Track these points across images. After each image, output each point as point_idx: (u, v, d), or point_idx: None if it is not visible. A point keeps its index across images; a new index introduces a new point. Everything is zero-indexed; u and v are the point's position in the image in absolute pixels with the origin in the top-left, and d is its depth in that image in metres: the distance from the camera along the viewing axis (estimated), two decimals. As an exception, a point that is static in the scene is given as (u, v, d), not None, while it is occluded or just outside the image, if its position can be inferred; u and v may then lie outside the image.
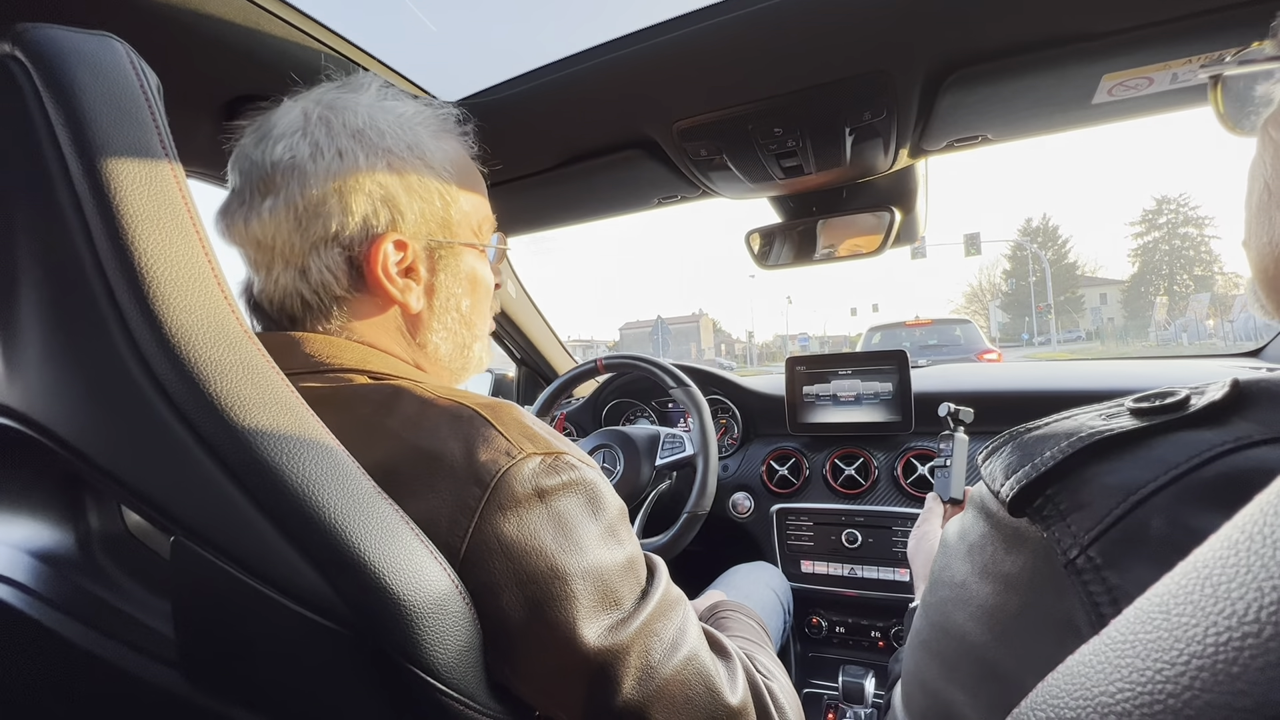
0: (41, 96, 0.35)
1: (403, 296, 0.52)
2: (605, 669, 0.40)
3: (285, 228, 0.49)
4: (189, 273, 0.36)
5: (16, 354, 0.38)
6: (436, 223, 0.54)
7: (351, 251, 0.50)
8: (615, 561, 0.43)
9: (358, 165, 0.50)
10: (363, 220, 0.50)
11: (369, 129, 0.51)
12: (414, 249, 0.53)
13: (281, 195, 0.49)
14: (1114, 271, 58.57)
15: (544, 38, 0.87)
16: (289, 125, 0.51)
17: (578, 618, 0.40)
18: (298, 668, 0.38)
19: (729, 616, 0.62)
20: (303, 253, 0.50)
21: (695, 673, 0.44)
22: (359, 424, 0.43)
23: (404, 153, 0.52)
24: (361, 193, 0.50)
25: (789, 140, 0.98)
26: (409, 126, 0.53)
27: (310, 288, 0.50)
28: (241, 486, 0.35)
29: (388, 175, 0.51)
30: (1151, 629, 0.17)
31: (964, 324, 9.18)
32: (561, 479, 0.42)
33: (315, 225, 0.49)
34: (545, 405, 1.36)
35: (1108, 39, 0.74)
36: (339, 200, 0.49)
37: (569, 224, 1.48)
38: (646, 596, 0.44)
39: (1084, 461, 0.26)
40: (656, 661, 0.42)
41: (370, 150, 0.50)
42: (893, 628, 1.35)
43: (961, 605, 0.31)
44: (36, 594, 0.40)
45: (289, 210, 0.49)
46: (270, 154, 0.50)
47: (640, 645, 0.42)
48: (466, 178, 0.57)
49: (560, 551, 0.40)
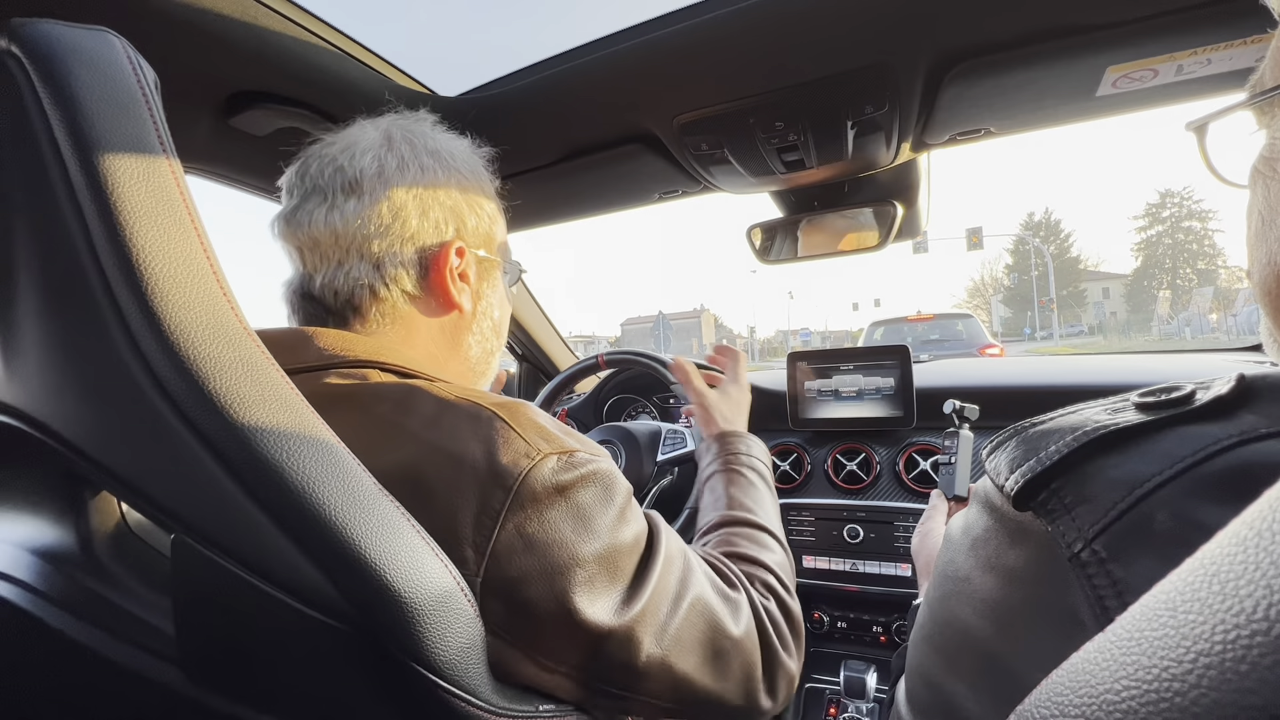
0: (38, 92, 0.35)
1: (459, 298, 0.58)
2: (627, 639, 0.44)
3: (369, 225, 0.54)
4: (187, 269, 0.36)
5: (15, 351, 0.38)
6: (485, 239, 0.62)
7: (424, 252, 0.57)
8: (626, 540, 0.46)
9: (436, 179, 0.57)
10: (435, 226, 0.57)
11: (444, 151, 0.59)
12: (469, 258, 0.60)
13: (367, 198, 0.55)
14: (1117, 266, 58.46)
15: (543, 32, 0.87)
16: (373, 141, 0.57)
17: (599, 599, 0.43)
18: (299, 665, 0.38)
19: (739, 532, 0.65)
20: (380, 249, 0.55)
21: (700, 614, 0.48)
22: (378, 423, 0.45)
23: (470, 175, 0.61)
24: (437, 203, 0.57)
25: (790, 134, 0.97)
26: (470, 156, 0.62)
27: (383, 281, 0.55)
28: (241, 484, 0.35)
29: (458, 192, 0.59)
30: (1158, 626, 0.17)
31: (966, 319, 9.16)
32: (578, 473, 0.45)
33: (396, 226, 0.55)
34: (546, 401, 1.36)
35: (1112, 31, 0.74)
36: (418, 206, 0.56)
37: (569, 219, 1.48)
38: (652, 560, 0.48)
39: (1089, 456, 0.26)
40: (665, 616, 0.46)
41: (447, 169, 0.59)
42: (894, 623, 1.35)
43: (965, 599, 0.31)
44: (38, 591, 0.40)
45: (374, 211, 0.54)
46: (358, 162, 0.55)
47: (653, 607, 0.45)
48: (497, 207, 0.66)
49: (580, 541, 0.43)
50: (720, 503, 0.70)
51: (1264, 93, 0.30)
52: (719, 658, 0.49)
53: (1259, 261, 0.32)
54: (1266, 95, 0.30)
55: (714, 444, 0.81)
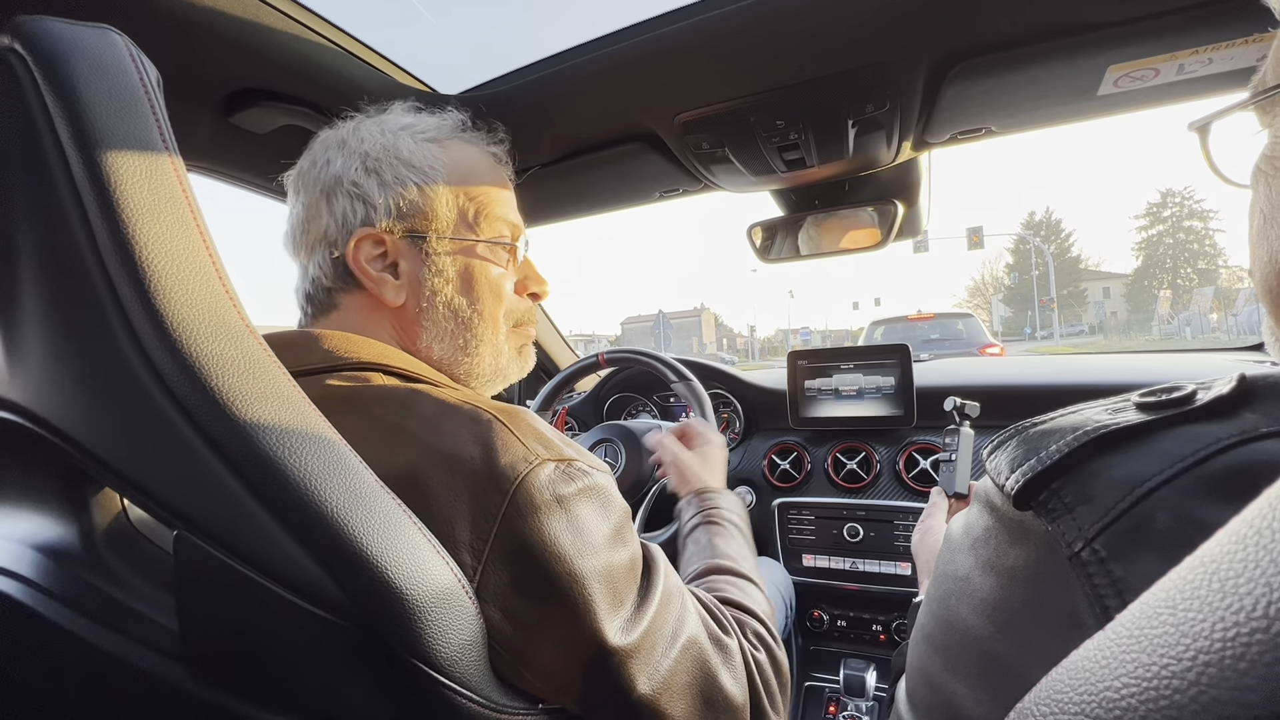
0: (41, 90, 0.35)
1: (378, 289, 0.55)
2: (619, 665, 0.42)
3: (297, 232, 0.57)
4: (190, 267, 0.36)
5: (18, 348, 0.38)
6: (418, 217, 0.55)
7: (336, 248, 0.55)
8: (623, 561, 0.45)
9: (337, 168, 0.55)
10: (341, 217, 0.54)
11: (351, 138, 0.56)
12: (393, 243, 0.55)
13: (294, 207, 0.57)
14: (1117, 265, 58.47)
15: (544, 31, 0.87)
16: (311, 147, 0.58)
17: (594, 617, 0.42)
18: (301, 661, 0.38)
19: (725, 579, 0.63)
20: (306, 252, 0.56)
21: (694, 659, 0.47)
22: (378, 425, 0.44)
23: (379, 153, 0.55)
24: (341, 192, 0.54)
25: (791, 133, 0.97)
26: (391, 132, 0.57)
27: (310, 283, 0.56)
28: (243, 481, 0.35)
29: (363, 175, 0.54)
30: (1158, 624, 0.17)
31: (966, 318, 9.15)
32: (578, 485, 0.44)
33: (312, 227, 0.55)
34: (547, 400, 1.36)
35: (1113, 30, 0.74)
36: (325, 202, 0.55)
37: (570, 218, 1.48)
38: (650, 591, 0.46)
39: (1089, 455, 0.26)
40: (661, 654, 0.44)
41: (349, 154, 0.55)
42: (894, 621, 1.36)
43: (965, 599, 0.31)
44: (40, 588, 0.40)
45: (296, 217, 0.57)
46: (295, 173, 0.58)
47: (649, 640, 0.44)
48: (468, 177, 0.58)
49: (578, 555, 0.42)
50: (705, 552, 0.69)
51: (1265, 91, 0.30)
52: (709, 708, 0.47)
53: (1260, 260, 0.32)
54: (1268, 94, 0.30)
55: (694, 499, 0.80)
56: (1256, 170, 0.32)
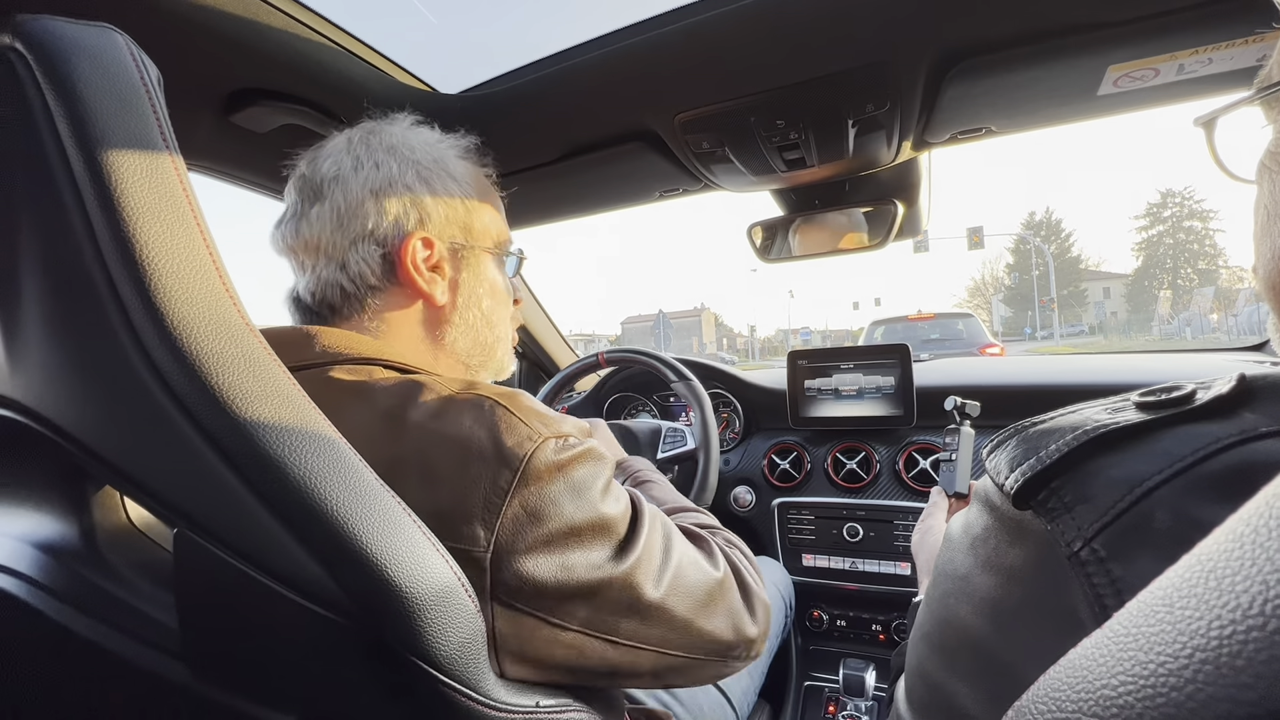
0: (42, 88, 0.35)
1: (429, 288, 0.59)
2: (627, 584, 0.47)
3: (329, 227, 0.57)
4: (190, 265, 0.36)
5: (19, 346, 0.38)
6: (459, 227, 0.61)
7: (385, 247, 0.58)
8: (619, 509, 0.50)
9: (391, 172, 0.58)
10: (395, 219, 0.57)
11: (401, 145, 0.60)
12: (440, 248, 0.60)
13: (328, 202, 0.58)
14: (1118, 265, 58.36)
15: (544, 30, 0.87)
16: (335, 147, 0.60)
17: (596, 553, 0.47)
18: (301, 659, 0.38)
19: (680, 515, 0.72)
20: (343, 248, 0.57)
21: (687, 563, 0.53)
22: (382, 416, 0.47)
23: (431, 164, 0.60)
24: (394, 196, 0.58)
25: (791, 132, 0.97)
26: (434, 145, 0.62)
27: (349, 278, 0.58)
28: (244, 479, 0.35)
29: (417, 181, 0.59)
30: (1154, 622, 0.17)
31: (966, 318, 9.14)
32: (574, 453, 0.48)
33: (354, 224, 0.57)
34: (547, 399, 1.37)
35: (1113, 29, 0.74)
36: (375, 202, 0.57)
37: (570, 217, 1.48)
38: (639, 520, 0.51)
39: (1089, 455, 0.26)
40: (659, 566, 0.50)
41: (402, 161, 0.59)
42: (894, 621, 1.36)
43: (964, 598, 0.31)
44: (40, 585, 0.41)
45: (333, 213, 0.57)
46: (319, 170, 0.59)
47: (646, 556, 0.50)
48: (486, 196, 0.65)
49: (578, 511, 0.46)
50: None
51: (1271, 86, 0.30)
52: (709, 597, 0.53)
53: (1265, 256, 0.32)
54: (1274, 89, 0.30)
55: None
56: (1261, 166, 0.32)
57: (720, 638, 0.54)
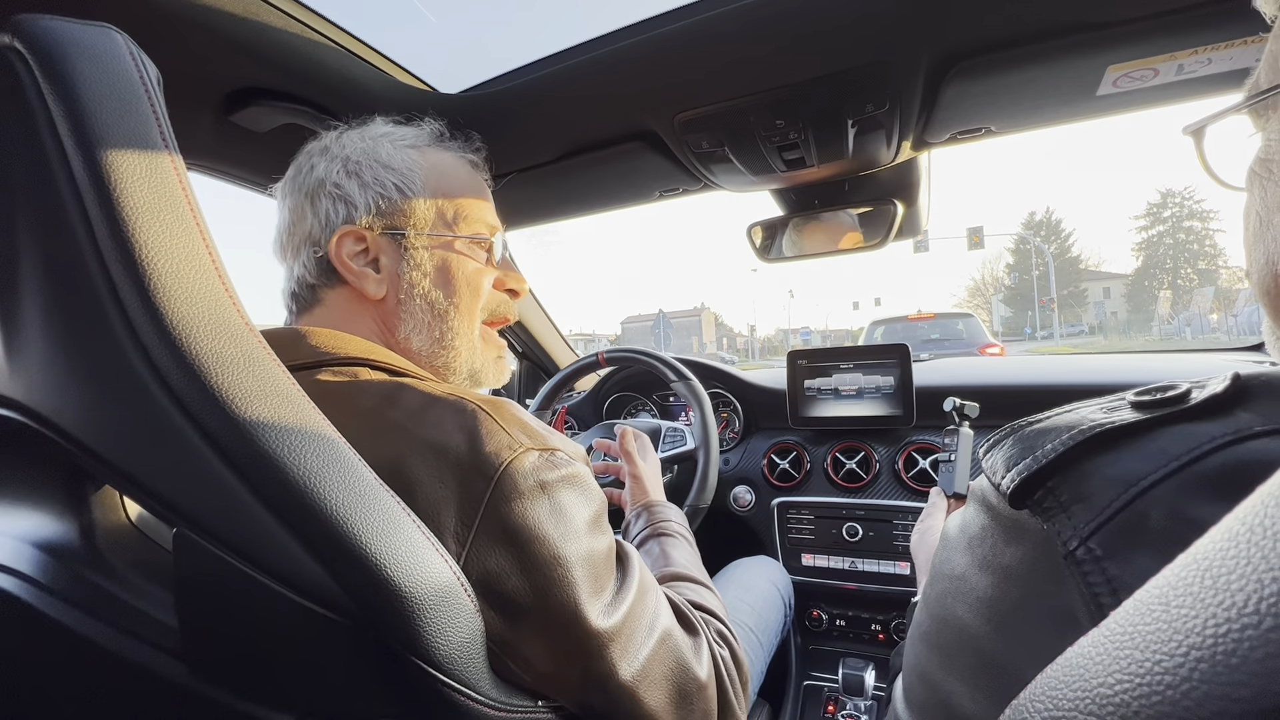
0: (41, 88, 0.35)
1: (359, 283, 0.57)
2: (600, 649, 0.44)
3: (284, 235, 0.60)
4: (190, 265, 0.36)
5: (18, 346, 0.38)
6: (397, 215, 0.58)
7: (319, 247, 0.58)
8: (602, 549, 0.47)
9: (320, 172, 0.58)
10: (325, 217, 0.57)
11: (333, 145, 0.60)
12: (374, 239, 0.58)
13: (281, 211, 0.61)
14: (1118, 265, 58.26)
15: (545, 30, 0.87)
16: (296, 158, 0.62)
17: (578, 601, 0.43)
18: (300, 658, 0.38)
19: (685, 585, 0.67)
20: (292, 254, 0.59)
21: (669, 650, 0.49)
22: (365, 417, 0.45)
23: (360, 157, 0.59)
24: (324, 194, 0.58)
25: (791, 132, 0.97)
26: (372, 138, 0.61)
27: (295, 280, 0.59)
28: (243, 478, 0.35)
29: (344, 177, 0.58)
30: (1150, 621, 0.17)
31: (966, 318, 9.14)
32: (561, 473, 0.45)
33: (297, 229, 0.59)
34: (547, 399, 1.37)
35: (1113, 30, 0.74)
36: (310, 204, 0.58)
37: (570, 217, 1.48)
38: (627, 580, 0.48)
39: (1085, 454, 0.26)
40: (640, 642, 0.46)
41: (331, 159, 0.59)
42: (893, 621, 1.36)
43: (961, 597, 0.31)
44: (40, 584, 0.41)
45: (284, 221, 0.60)
46: (282, 181, 0.62)
47: (628, 626, 0.46)
48: (445, 179, 0.62)
49: (560, 539, 0.43)
50: (661, 561, 0.72)
51: (1259, 94, 0.30)
52: (684, 699, 0.49)
53: (1258, 262, 0.32)
54: (1261, 97, 0.30)
55: (644, 512, 0.84)
56: (1251, 173, 0.32)
57: None
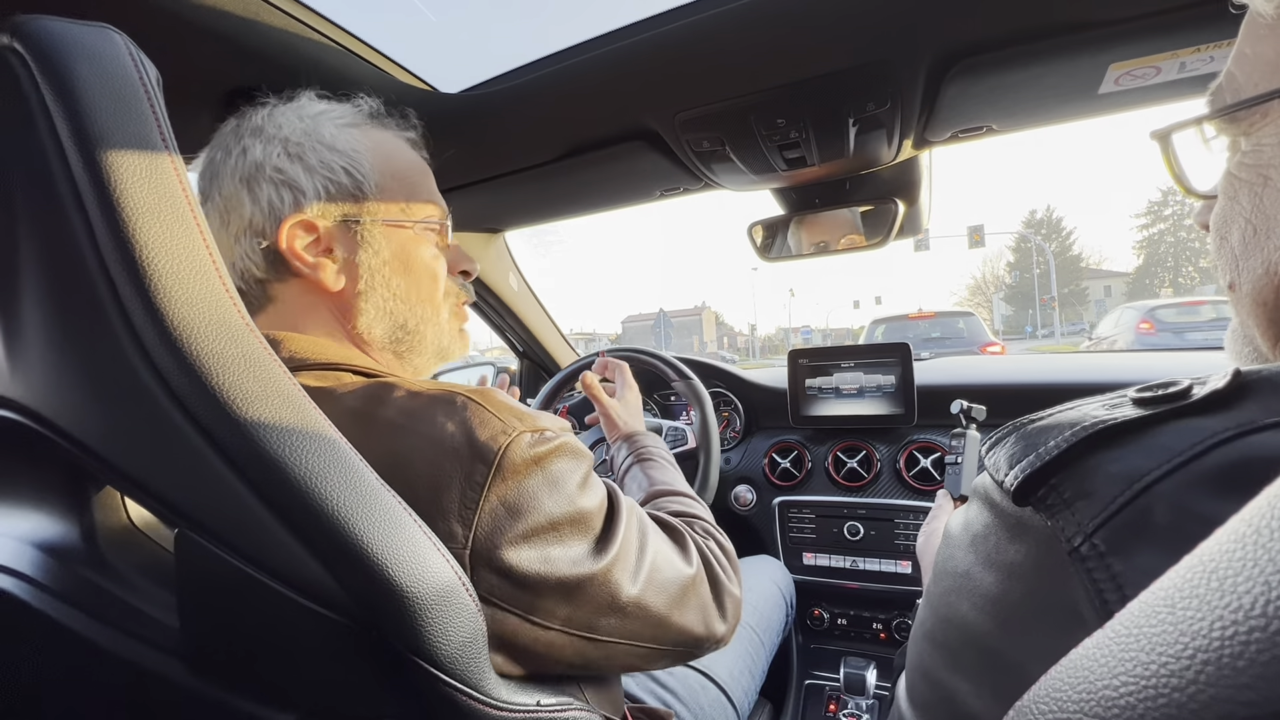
0: (40, 88, 0.35)
1: (315, 274, 0.54)
2: (606, 581, 0.47)
3: (216, 227, 0.55)
4: (190, 265, 0.36)
5: (19, 347, 0.38)
6: (348, 201, 0.55)
7: (265, 238, 0.53)
8: (595, 503, 0.50)
9: (256, 155, 0.53)
10: (268, 205, 0.53)
11: (267, 124, 0.55)
12: (325, 228, 0.55)
13: (210, 200, 0.55)
14: (1119, 264, 58.20)
15: (545, 29, 0.87)
16: (214, 140, 0.57)
17: (575, 550, 0.47)
18: (302, 659, 0.38)
19: (668, 499, 0.72)
20: (229, 246, 0.54)
21: (662, 559, 0.53)
22: (352, 417, 0.45)
23: (301, 138, 0.54)
24: (264, 180, 0.53)
25: (791, 131, 0.97)
26: (309, 117, 0.56)
27: (239, 277, 0.54)
28: (244, 479, 0.35)
29: (286, 160, 0.54)
30: (1156, 622, 0.17)
31: (967, 316, 9.13)
32: (551, 445, 0.48)
33: (233, 219, 0.54)
34: (548, 398, 1.37)
35: (1114, 28, 0.73)
36: (247, 191, 0.53)
37: (570, 216, 1.48)
38: (616, 517, 0.51)
39: (1087, 450, 0.26)
40: (635, 562, 0.50)
41: (268, 141, 0.54)
42: (895, 620, 1.36)
43: (965, 595, 0.31)
44: (41, 585, 0.41)
45: (215, 211, 0.55)
46: (201, 167, 0.56)
47: (623, 554, 0.50)
48: (390, 161, 0.59)
49: (554, 504, 0.46)
50: (644, 484, 0.77)
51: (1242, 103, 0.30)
52: (683, 593, 0.54)
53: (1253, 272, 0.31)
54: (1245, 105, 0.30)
55: (624, 443, 0.89)
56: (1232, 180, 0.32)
57: (691, 632, 0.54)
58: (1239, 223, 0.32)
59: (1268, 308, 0.31)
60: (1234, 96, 0.31)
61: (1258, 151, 0.30)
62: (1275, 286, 0.30)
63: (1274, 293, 0.30)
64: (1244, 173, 0.31)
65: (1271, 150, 0.30)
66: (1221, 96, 0.32)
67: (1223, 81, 0.32)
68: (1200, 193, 0.35)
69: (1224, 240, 0.33)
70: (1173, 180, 0.36)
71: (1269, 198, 0.30)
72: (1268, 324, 0.32)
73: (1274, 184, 0.30)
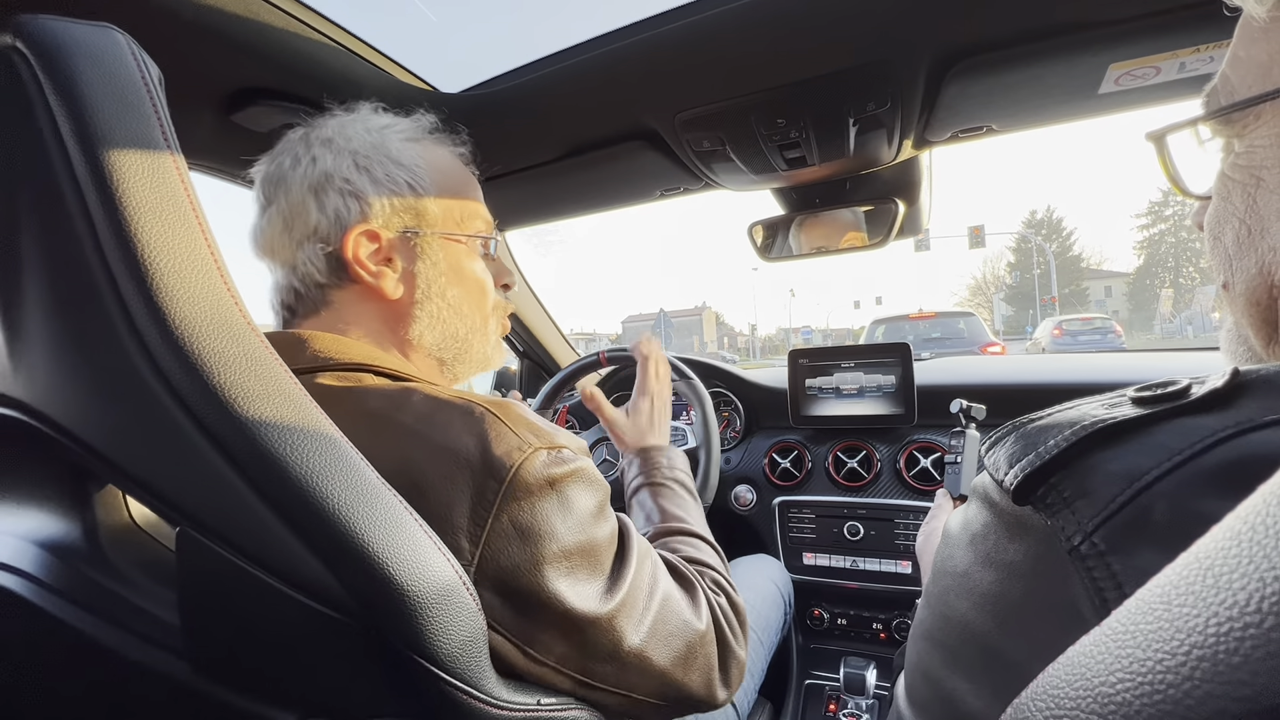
0: (43, 88, 0.35)
1: (377, 282, 0.56)
2: (609, 628, 0.46)
3: (278, 230, 0.56)
4: (192, 265, 0.36)
5: (21, 346, 0.38)
6: (410, 214, 0.58)
7: (329, 244, 0.55)
8: (605, 535, 0.49)
9: (327, 166, 0.56)
10: (335, 214, 0.55)
11: (337, 136, 0.57)
12: (388, 239, 0.57)
13: (274, 204, 0.57)
14: (1119, 264, 58.06)
15: (545, 29, 0.87)
16: (282, 146, 0.59)
17: (583, 588, 0.45)
18: (302, 657, 0.38)
19: (678, 540, 0.68)
20: (291, 250, 0.56)
21: (670, 609, 0.51)
22: (371, 419, 0.46)
23: (369, 152, 0.57)
24: (332, 190, 0.55)
25: (792, 131, 0.97)
26: (376, 130, 0.59)
27: (299, 279, 0.56)
28: (246, 477, 0.35)
29: (354, 172, 0.56)
30: (1152, 619, 0.17)
31: (968, 317, 9.13)
32: (567, 469, 0.46)
33: (298, 224, 0.56)
34: (548, 398, 1.37)
35: (1114, 28, 0.73)
36: (315, 199, 0.55)
37: (571, 216, 1.48)
38: (626, 556, 0.50)
39: (1087, 449, 0.26)
40: (642, 609, 0.49)
41: (338, 152, 0.56)
42: (894, 620, 1.36)
43: (964, 594, 0.31)
44: (43, 583, 0.41)
45: (279, 215, 0.56)
46: (265, 172, 0.58)
47: (631, 600, 0.48)
48: (447, 177, 0.61)
49: (568, 533, 0.45)
50: (654, 516, 0.72)
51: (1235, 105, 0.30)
52: (688, 651, 0.52)
53: (1247, 272, 0.31)
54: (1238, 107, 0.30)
55: (635, 460, 0.82)
56: (1226, 180, 0.32)
57: (691, 693, 0.52)
58: (1233, 223, 0.32)
59: (1260, 307, 0.31)
60: (1228, 98, 0.31)
61: (1251, 153, 0.30)
62: (1268, 286, 0.30)
63: (1267, 292, 0.30)
64: (1237, 174, 0.31)
65: (1264, 151, 0.30)
66: (1216, 98, 0.33)
67: (1217, 84, 0.33)
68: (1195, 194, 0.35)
69: (1218, 240, 0.34)
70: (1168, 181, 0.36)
71: (1262, 198, 0.30)
72: (1261, 323, 0.32)
73: (1267, 185, 0.30)
